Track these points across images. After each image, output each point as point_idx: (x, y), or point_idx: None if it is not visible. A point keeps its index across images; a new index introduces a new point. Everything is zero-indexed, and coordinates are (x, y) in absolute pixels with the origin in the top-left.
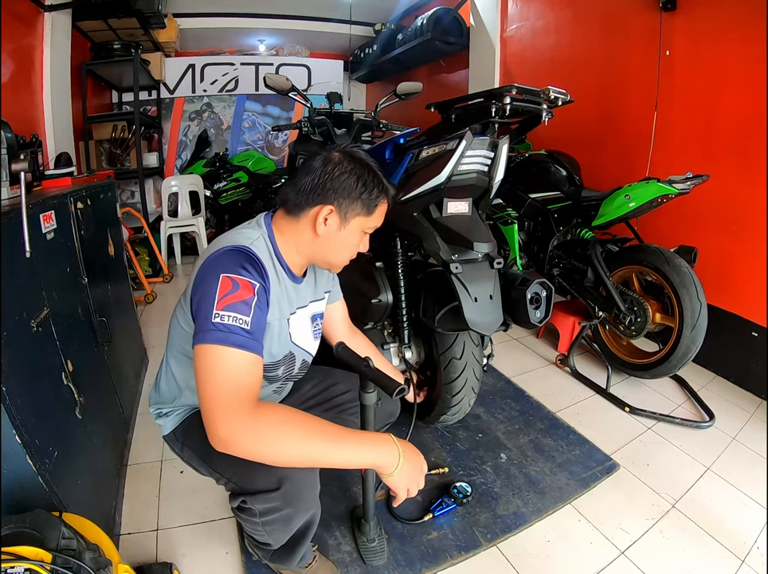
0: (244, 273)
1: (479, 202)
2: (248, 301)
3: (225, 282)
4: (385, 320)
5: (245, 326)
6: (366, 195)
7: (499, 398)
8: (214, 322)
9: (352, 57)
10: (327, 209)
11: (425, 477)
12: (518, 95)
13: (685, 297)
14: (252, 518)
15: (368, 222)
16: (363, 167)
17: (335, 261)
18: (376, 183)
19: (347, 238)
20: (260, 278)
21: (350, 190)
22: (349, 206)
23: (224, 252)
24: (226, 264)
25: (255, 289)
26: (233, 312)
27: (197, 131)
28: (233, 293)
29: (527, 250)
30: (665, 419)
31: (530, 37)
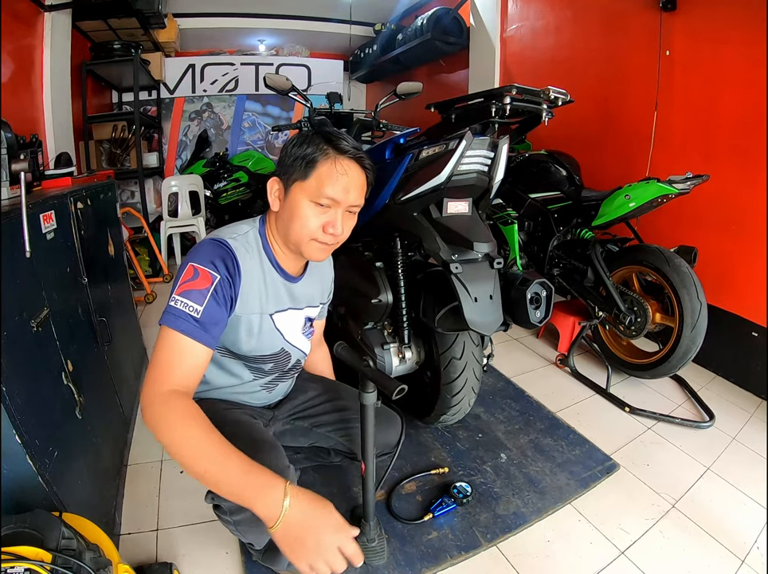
0: (209, 265)
1: (479, 202)
2: (203, 291)
3: (188, 270)
4: (385, 320)
5: (195, 314)
6: (300, 154)
7: (499, 398)
8: (170, 305)
9: (352, 57)
10: (272, 181)
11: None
12: (518, 95)
13: (685, 297)
14: (225, 516)
15: (309, 188)
16: (314, 132)
17: (295, 239)
18: (312, 142)
19: (293, 209)
20: (227, 272)
21: (286, 155)
22: (288, 173)
23: (203, 242)
24: (199, 254)
25: (213, 281)
26: (185, 299)
27: (197, 131)
28: (191, 281)
29: (527, 250)
30: (665, 419)
31: (530, 37)
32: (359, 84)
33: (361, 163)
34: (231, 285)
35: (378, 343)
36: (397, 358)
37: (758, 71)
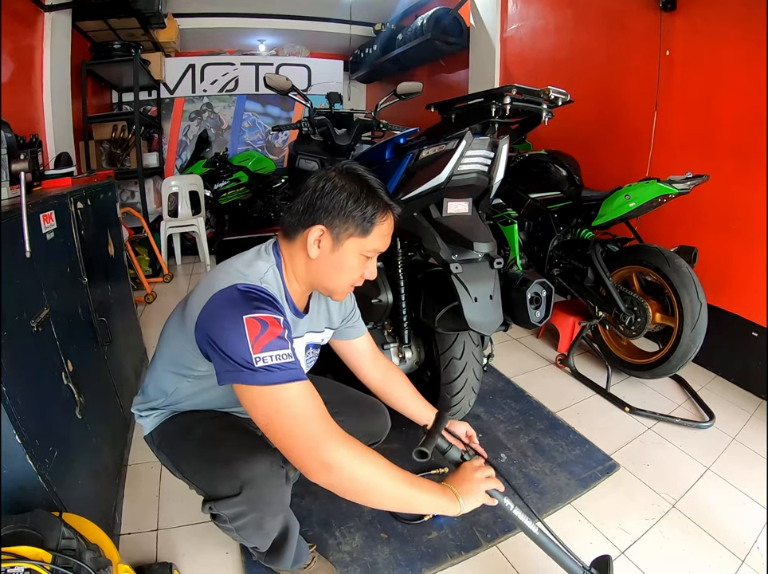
0: (267, 311)
1: (479, 202)
2: (282, 335)
3: (251, 323)
4: (385, 320)
5: (290, 359)
6: (359, 213)
7: (499, 398)
8: (257, 366)
9: (352, 57)
10: (317, 229)
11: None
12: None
13: (685, 297)
14: (225, 524)
15: (366, 244)
16: (357, 182)
17: (333, 287)
18: (371, 200)
19: (343, 262)
20: (280, 313)
21: (340, 208)
22: (341, 226)
23: (237, 290)
24: (243, 304)
25: (281, 323)
26: (273, 351)
27: (197, 131)
28: (265, 333)
29: (527, 250)
30: (665, 419)
31: (530, 37)
32: (359, 84)
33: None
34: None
35: (378, 343)
36: (397, 358)
37: (757, 71)
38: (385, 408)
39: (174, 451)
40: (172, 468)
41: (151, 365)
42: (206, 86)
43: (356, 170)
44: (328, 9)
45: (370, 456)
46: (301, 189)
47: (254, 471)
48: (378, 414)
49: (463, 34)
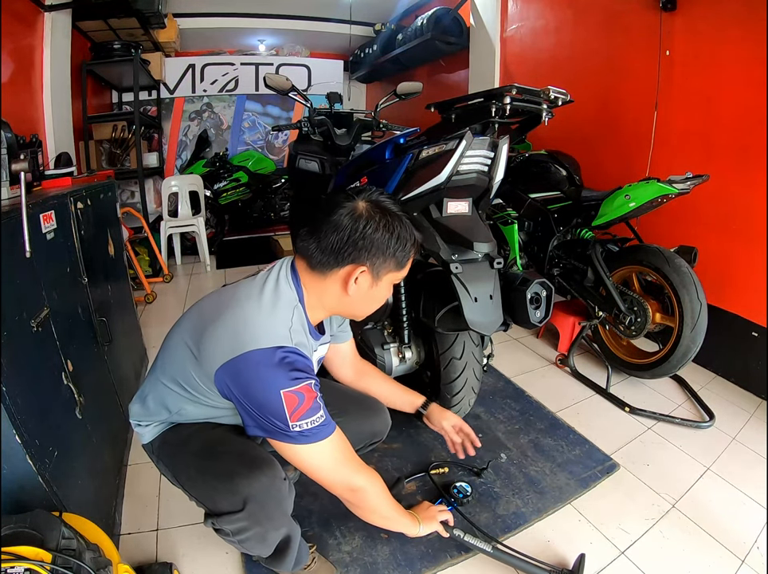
0: (301, 379)
1: (479, 202)
2: (317, 400)
3: (289, 398)
4: (385, 320)
5: (323, 419)
6: (401, 252)
7: (499, 398)
8: (294, 431)
9: (352, 57)
10: (359, 270)
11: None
12: (518, 95)
13: (685, 297)
14: (228, 537)
15: (398, 275)
16: (394, 219)
17: (362, 314)
18: (409, 237)
19: (379, 294)
20: (311, 373)
21: (384, 249)
22: (382, 265)
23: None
24: (279, 376)
25: (314, 388)
26: (309, 418)
27: (197, 131)
28: (302, 405)
29: (527, 250)
30: (665, 419)
31: (531, 37)
32: (359, 84)
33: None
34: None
35: (378, 343)
36: (397, 358)
37: (758, 70)
38: (386, 407)
39: (174, 463)
40: (172, 480)
41: (152, 375)
42: (206, 86)
43: (387, 203)
44: (328, 9)
45: (377, 481)
46: (332, 225)
47: (256, 487)
48: (379, 413)
49: (463, 34)
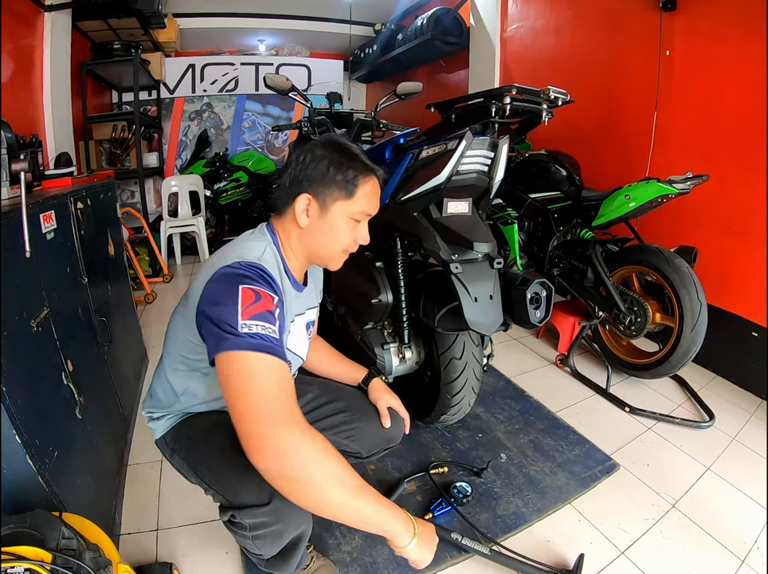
0: (266, 287)
1: (479, 202)
2: (273, 311)
3: (246, 293)
4: (385, 320)
5: (275, 336)
6: (341, 177)
7: (499, 398)
8: (242, 332)
9: (352, 57)
10: (304, 198)
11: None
12: (518, 95)
13: (685, 297)
14: (243, 531)
15: (352, 206)
16: (336, 149)
17: (326, 254)
18: (351, 164)
19: (333, 226)
20: (277, 293)
21: (323, 176)
22: (326, 192)
23: (237, 266)
24: (242, 277)
25: (275, 302)
26: (261, 321)
27: (197, 131)
28: (257, 304)
29: (527, 250)
30: (665, 419)
31: (531, 37)
32: (359, 84)
33: (378, 176)
34: (282, 305)
35: (378, 343)
36: (397, 358)
37: (758, 71)
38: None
39: (192, 456)
40: (189, 473)
41: (159, 366)
42: (206, 86)
43: (336, 139)
44: (328, 9)
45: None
46: (285, 166)
47: None
48: (395, 419)
49: (463, 34)
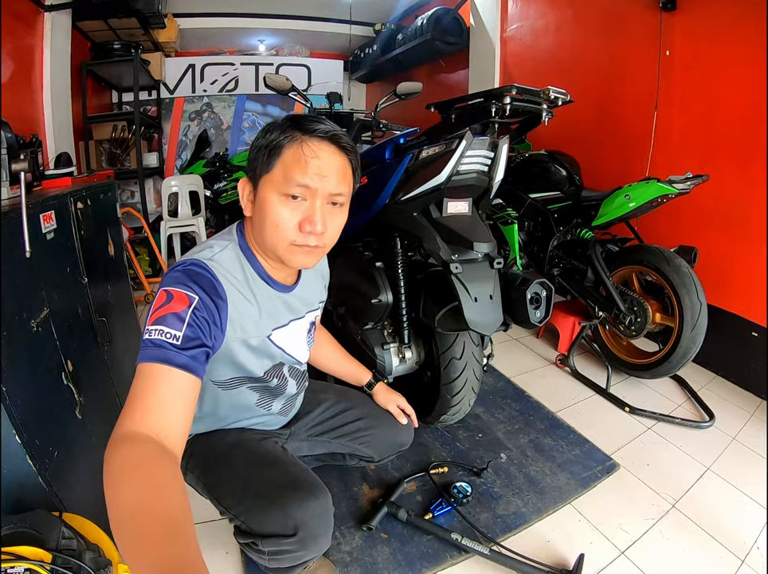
0: (182, 287)
1: (479, 202)
2: (181, 314)
3: (160, 295)
4: (385, 320)
5: (173, 341)
6: (264, 143)
7: (499, 398)
8: (143, 339)
9: (352, 57)
10: (241, 183)
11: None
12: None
13: (685, 297)
14: (260, 554)
15: (275, 177)
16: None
17: (273, 247)
18: (276, 127)
19: (263, 209)
20: (206, 294)
21: (253, 149)
22: (256, 170)
23: (175, 267)
24: (170, 279)
25: (191, 302)
26: (160, 325)
27: (197, 131)
28: (163, 307)
29: (527, 250)
30: (665, 419)
31: (531, 36)
32: (359, 84)
33: (337, 143)
34: (216, 309)
35: (378, 343)
36: (397, 358)
37: (758, 70)
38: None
39: (209, 477)
40: (203, 492)
41: None
42: (206, 86)
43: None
44: (328, 9)
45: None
46: None
47: (309, 514)
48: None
49: (463, 34)
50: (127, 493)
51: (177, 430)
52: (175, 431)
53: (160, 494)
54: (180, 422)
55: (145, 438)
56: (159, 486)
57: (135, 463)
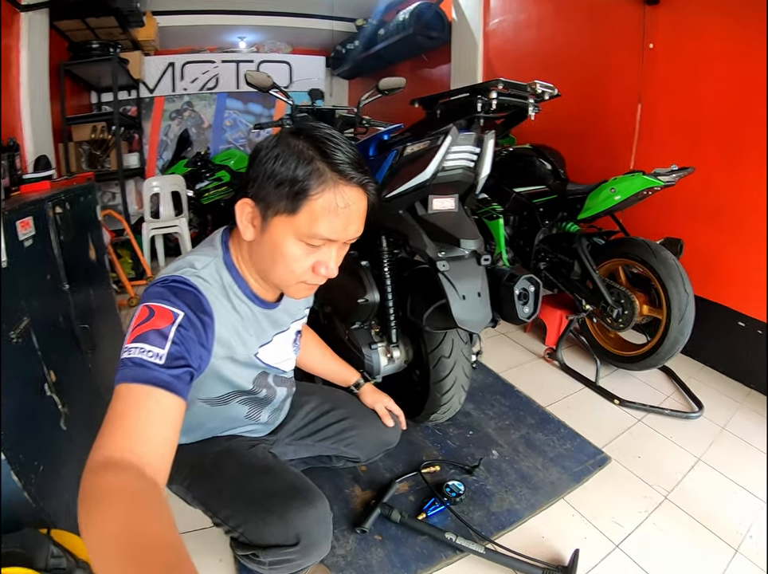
0: (166, 302)
1: (465, 198)
2: (164, 330)
3: (141, 312)
4: (372, 320)
5: (156, 360)
6: (287, 176)
7: (488, 394)
8: (122, 358)
9: (334, 53)
10: (243, 205)
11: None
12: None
13: (672, 290)
14: (261, 566)
15: (298, 226)
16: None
17: (277, 281)
18: (302, 159)
19: (275, 247)
20: (191, 310)
21: (266, 176)
22: (266, 199)
23: (162, 280)
24: (152, 294)
25: (176, 318)
26: (141, 343)
27: (178, 130)
28: (145, 323)
29: (513, 245)
30: (655, 411)
31: (513, 30)
32: (341, 80)
33: (365, 188)
34: (203, 326)
35: (365, 342)
36: (385, 357)
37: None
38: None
39: (199, 488)
40: (197, 506)
41: None
42: (186, 84)
43: (311, 126)
44: (310, 5)
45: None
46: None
47: (309, 520)
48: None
49: (445, 29)
50: (111, 525)
51: (159, 455)
52: (158, 456)
53: (150, 524)
54: (163, 446)
55: (126, 465)
56: (148, 516)
57: (117, 492)
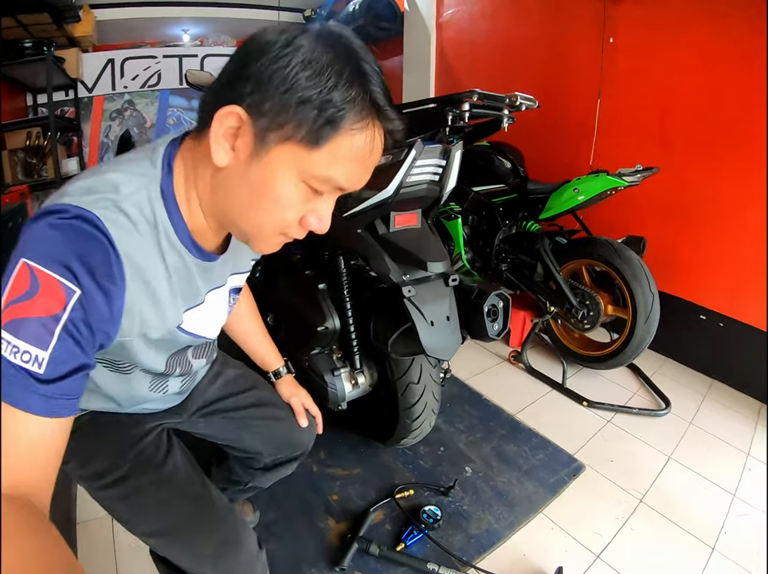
0: (59, 269)
1: (428, 212)
2: (48, 322)
3: (21, 275)
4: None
5: (34, 368)
6: (314, 96)
7: (456, 405)
8: None
9: None
10: (229, 113)
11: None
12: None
13: (637, 289)
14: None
15: (312, 163)
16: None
17: (249, 227)
18: (345, 80)
19: (267, 184)
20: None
21: (288, 85)
22: (278, 117)
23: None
24: (41, 243)
25: (69, 300)
26: (14, 337)
27: (119, 131)
28: (22, 302)
29: (472, 245)
30: (623, 411)
31: (468, 22)
32: None
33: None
34: (106, 301)
35: (327, 369)
36: (349, 383)
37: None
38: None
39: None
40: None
41: None
42: (127, 82)
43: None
44: None
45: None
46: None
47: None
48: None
49: (397, 19)
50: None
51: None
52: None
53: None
54: (46, 473)
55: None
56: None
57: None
